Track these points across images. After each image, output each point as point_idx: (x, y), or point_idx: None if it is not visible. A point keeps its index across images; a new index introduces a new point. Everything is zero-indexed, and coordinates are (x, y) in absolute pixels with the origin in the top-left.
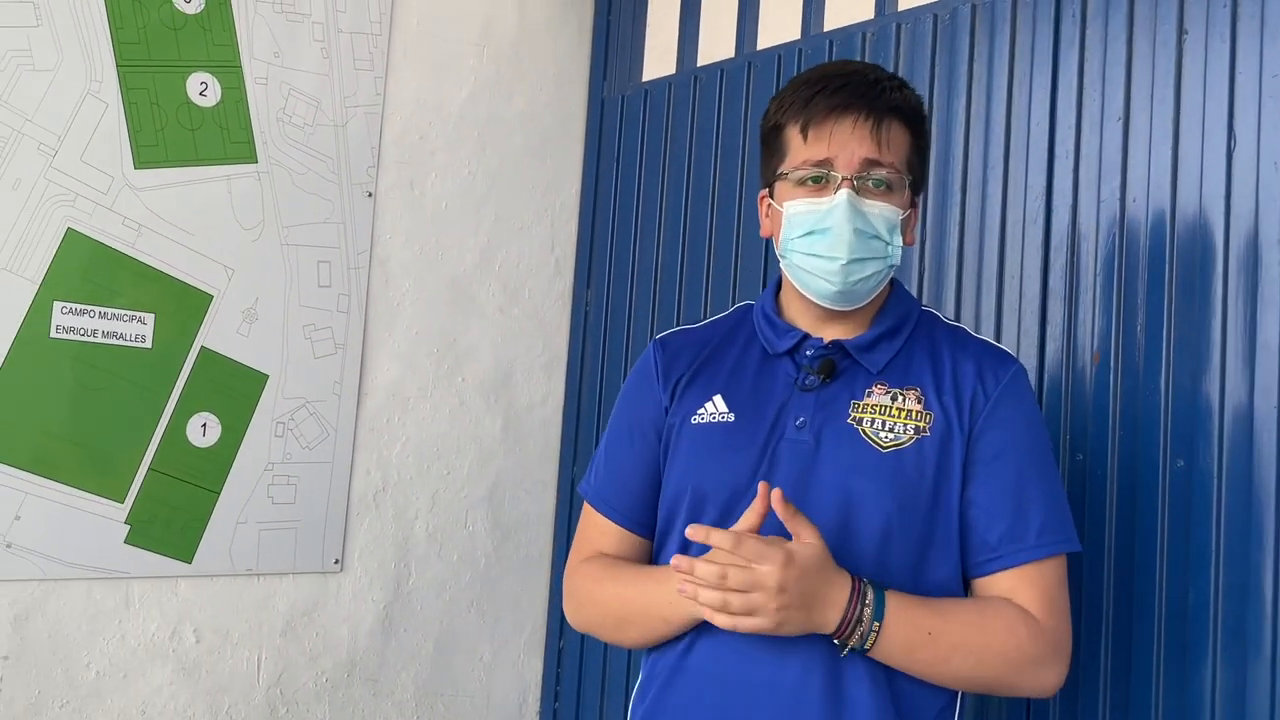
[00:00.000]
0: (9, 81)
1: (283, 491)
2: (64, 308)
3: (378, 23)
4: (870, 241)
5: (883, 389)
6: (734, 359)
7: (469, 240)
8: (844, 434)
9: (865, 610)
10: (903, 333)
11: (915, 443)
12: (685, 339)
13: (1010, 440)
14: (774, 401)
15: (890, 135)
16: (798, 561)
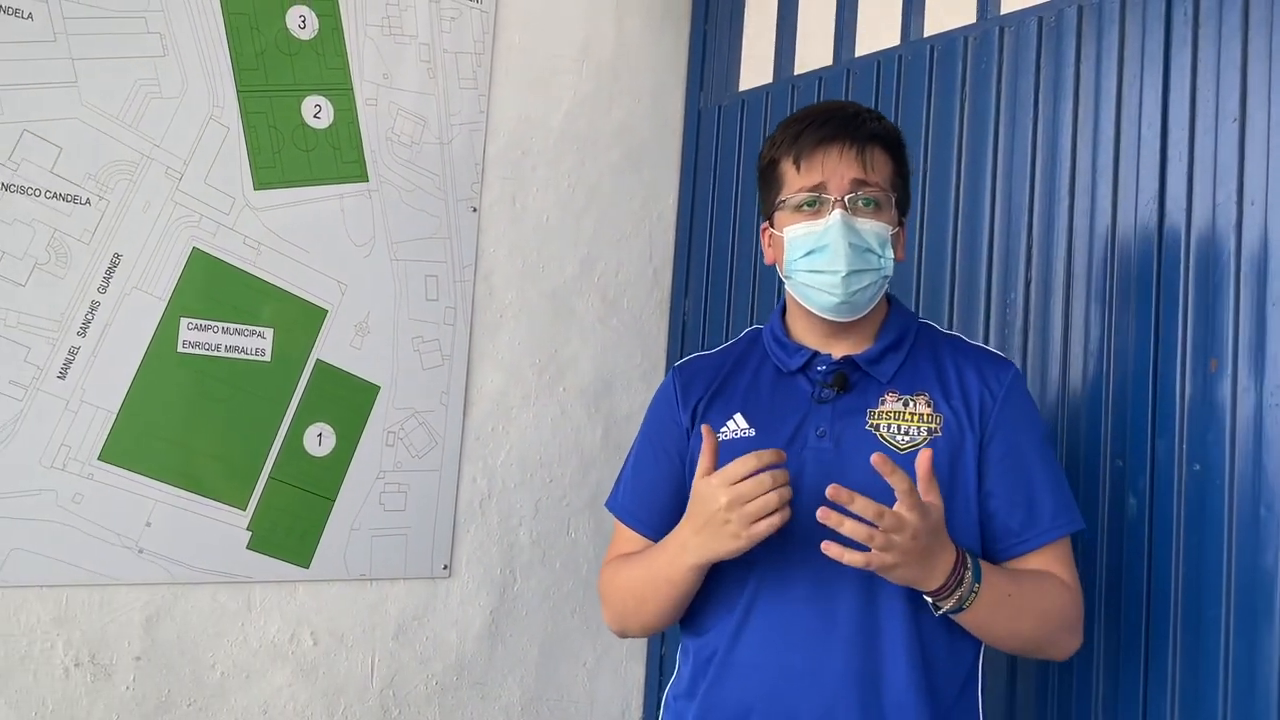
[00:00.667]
0: (139, 109)
1: (394, 499)
2: (190, 323)
3: (480, 42)
4: (865, 255)
5: (894, 396)
6: (749, 379)
7: (569, 252)
8: (864, 439)
9: (967, 574)
10: (905, 344)
11: (929, 442)
12: (701, 364)
13: (1018, 438)
14: (793, 415)
15: (874, 159)
16: (931, 515)
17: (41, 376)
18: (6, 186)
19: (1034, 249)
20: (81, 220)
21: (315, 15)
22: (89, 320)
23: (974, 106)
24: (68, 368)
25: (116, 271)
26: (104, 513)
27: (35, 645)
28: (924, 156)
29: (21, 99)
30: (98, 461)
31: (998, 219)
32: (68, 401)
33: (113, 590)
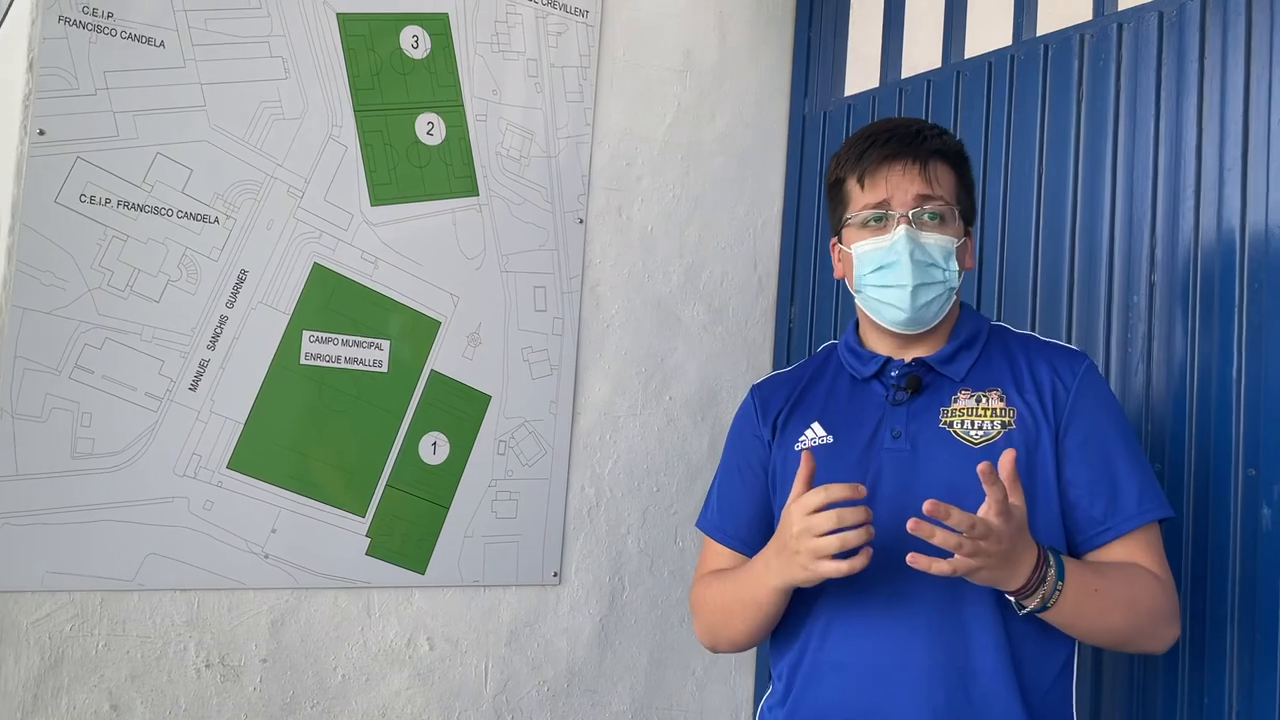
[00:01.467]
0: (263, 130)
1: (505, 507)
2: (311, 336)
3: (585, 55)
4: (929, 269)
5: (967, 394)
6: (825, 390)
7: (674, 261)
8: (938, 438)
9: (1049, 572)
10: (977, 344)
11: (1004, 436)
12: (778, 380)
13: (1096, 425)
14: (869, 420)
15: (937, 174)
16: (1014, 519)
17: (174, 388)
18: (142, 207)
19: (1158, 250)
20: (210, 238)
21: (427, 35)
22: (218, 334)
23: (1091, 106)
24: (198, 380)
25: (243, 287)
26: (232, 519)
27: (170, 646)
28: (1039, 158)
29: (155, 123)
30: (226, 470)
31: (1119, 221)
32: (198, 412)
33: (241, 594)
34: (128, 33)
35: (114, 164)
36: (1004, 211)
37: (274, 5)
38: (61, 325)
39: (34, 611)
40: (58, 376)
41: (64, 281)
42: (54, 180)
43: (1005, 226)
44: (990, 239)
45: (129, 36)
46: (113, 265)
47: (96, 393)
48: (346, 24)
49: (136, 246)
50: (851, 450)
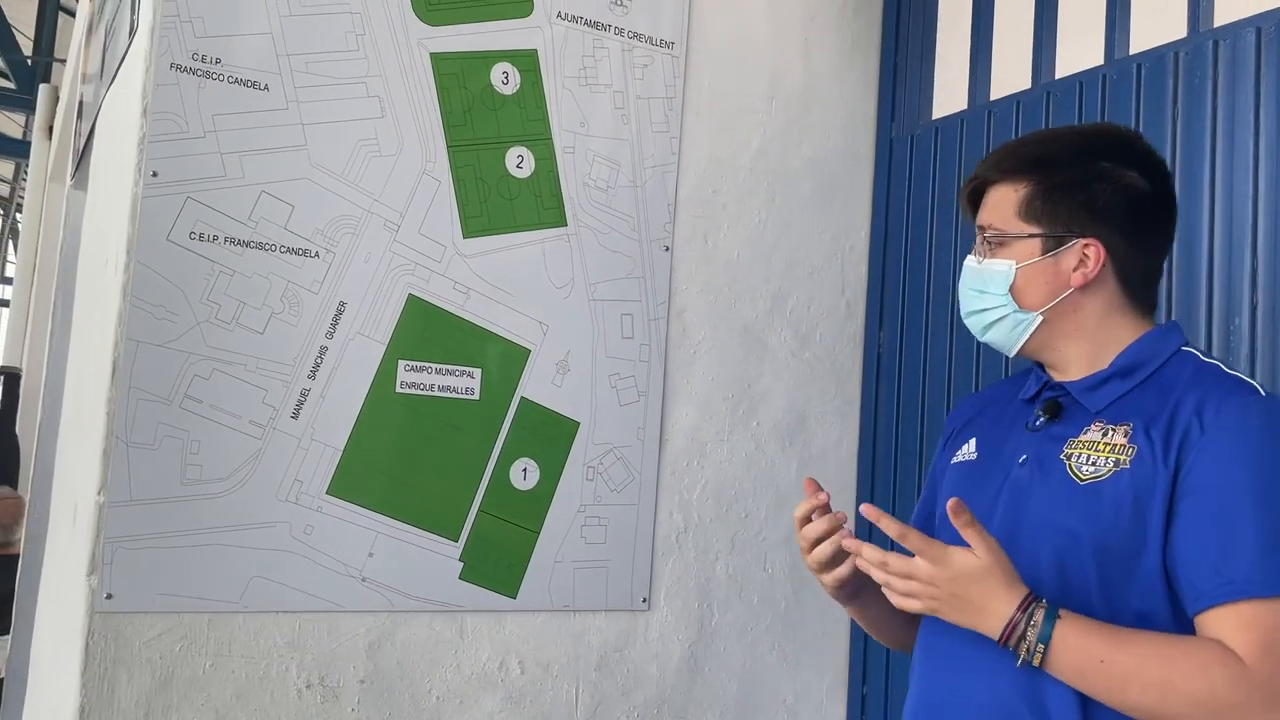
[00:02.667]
0: (360, 167)
1: (594, 532)
2: (407, 365)
3: (671, 86)
4: (979, 296)
5: (1099, 426)
6: (1000, 406)
7: (760, 287)
8: (1053, 469)
9: (1030, 630)
10: (1138, 373)
11: (1112, 476)
12: (977, 396)
13: (1226, 472)
14: (1009, 442)
15: (990, 200)
16: (953, 565)
17: (277, 416)
18: (247, 243)
19: (1260, 272)
20: (311, 272)
21: (517, 71)
22: (318, 364)
23: (1187, 125)
24: (300, 408)
25: (342, 318)
26: (331, 543)
27: (272, 667)
28: None
29: (260, 163)
30: (326, 495)
31: (1218, 243)
32: (299, 439)
33: (339, 617)
34: (234, 77)
35: (221, 202)
36: None
37: (371, 48)
38: (172, 357)
39: (146, 632)
40: (169, 406)
41: (175, 315)
42: (166, 219)
43: None
44: None
45: (235, 81)
46: (220, 299)
47: (205, 421)
48: (439, 63)
49: (242, 281)
50: (986, 472)
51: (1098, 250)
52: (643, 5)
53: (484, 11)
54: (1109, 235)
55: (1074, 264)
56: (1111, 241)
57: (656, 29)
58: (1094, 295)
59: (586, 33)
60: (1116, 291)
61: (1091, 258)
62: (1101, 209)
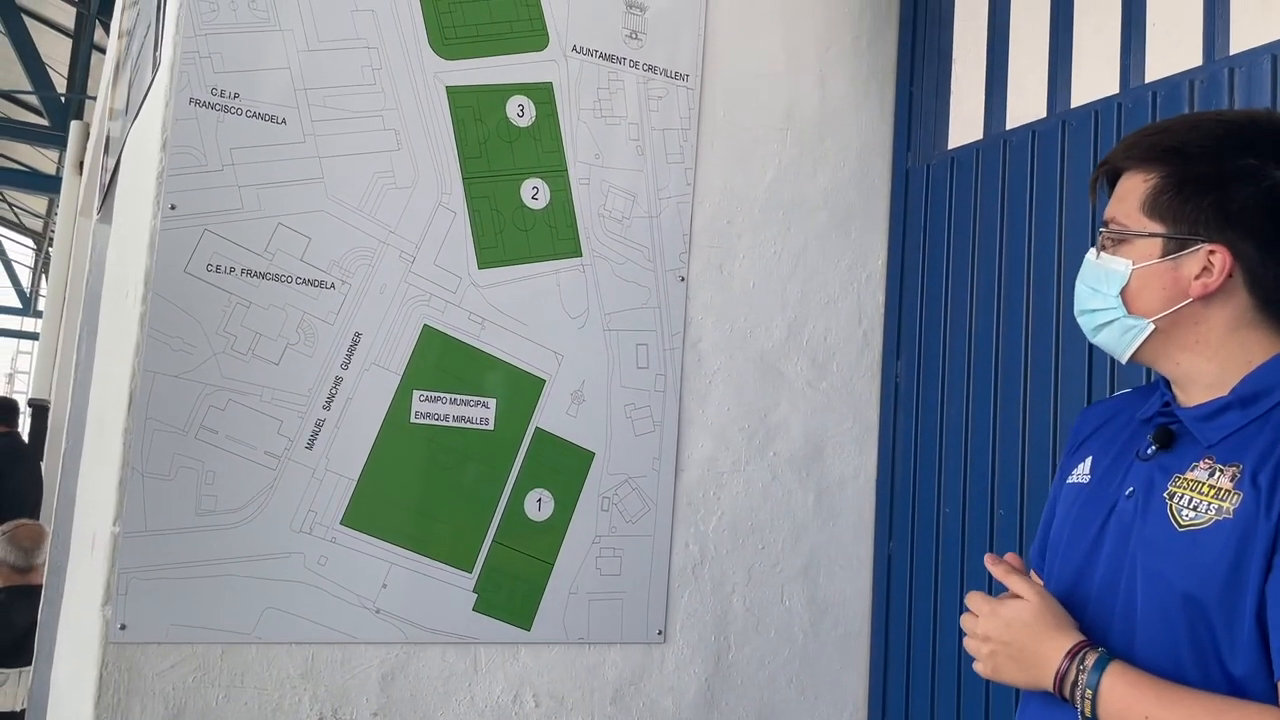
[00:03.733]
0: (376, 199)
1: (609, 564)
2: (421, 395)
3: (686, 118)
4: (1092, 295)
5: (1209, 463)
6: (1121, 423)
7: (776, 317)
8: (1155, 508)
9: (1080, 675)
10: (1261, 403)
11: (1213, 525)
12: (1102, 406)
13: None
14: (1122, 468)
15: (1122, 190)
16: (1004, 615)
17: (292, 447)
18: (263, 275)
19: None
20: (327, 303)
21: (532, 103)
22: (333, 394)
23: None
24: (314, 439)
25: (357, 349)
26: (345, 574)
27: (285, 698)
28: None
29: (276, 196)
30: (340, 526)
31: None
32: (314, 470)
33: (353, 648)
34: (253, 112)
35: (238, 235)
36: None
37: (388, 81)
38: (188, 388)
39: (159, 663)
40: (184, 436)
41: (191, 346)
42: (183, 251)
43: None
44: None
45: (254, 115)
46: (236, 330)
47: (220, 452)
48: (455, 96)
49: (258, 312)
50: (1096, 500)
51: (1224, 258)
52: (658, 38)
53: (499, 45)
54: (1241, 242)
55: (1196, 271)
56: (1243, 250)
57: (672, 61)
58: (1219, 308)
59: (602, 66)
60: (1247, 306)
61: (1216, 266)
62: (1237, 212)
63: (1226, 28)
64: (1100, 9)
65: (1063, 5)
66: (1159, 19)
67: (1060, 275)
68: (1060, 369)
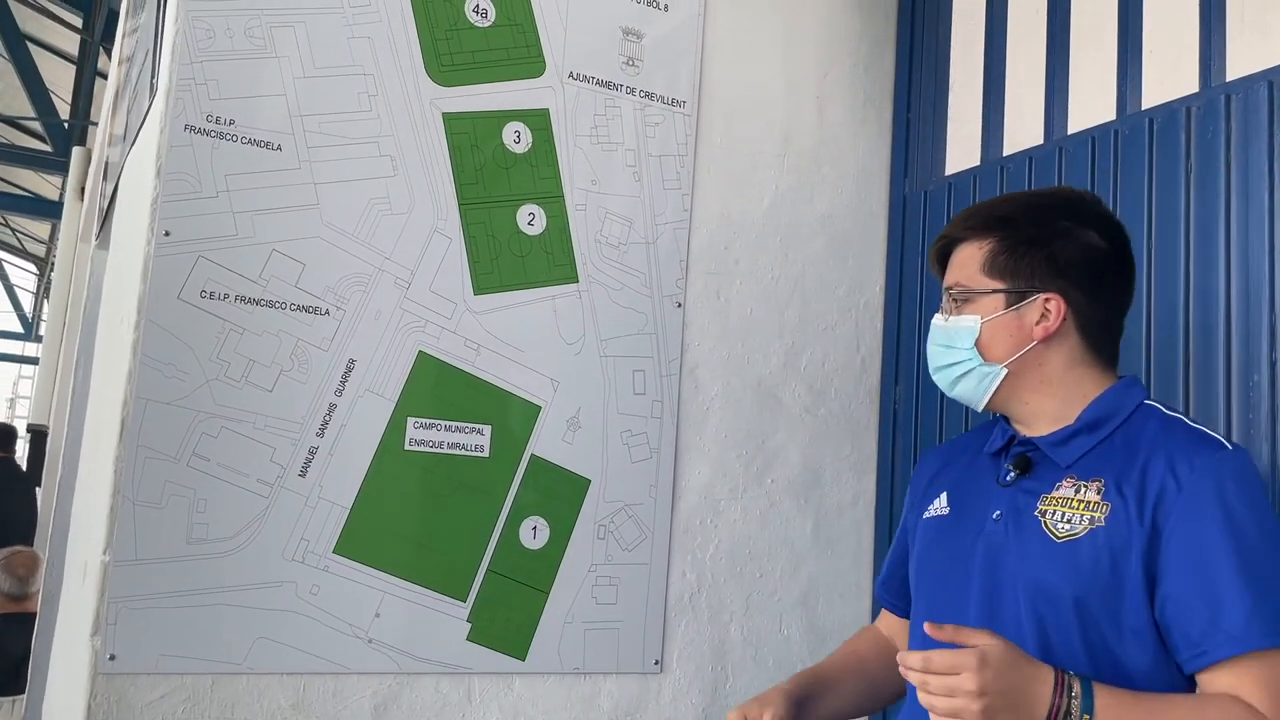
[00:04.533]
0: (371, 226)
1: (605, 592)
2: (416, 422)
3: (683, 144)
4: (947, 351)
5: (1071, 481)
6: (968, 460)
7: (774, 343)
8: (1029, 526)
9: (1073, 703)
10: (1105, 427)
11: (1089, 533)
12: (945, 445)
13: (1206, 529)
14: (981, 497)
15: (956, 259)
16: (991, 661)
17: (285, 475)
18: (257, 301)
19: (1277, 327)
20: (321, 329)
21: (529, 130)
22: (327, 421)
23: (1200, 179)
24: (307, 466)
25: (351, 375)
26: (338, 603)
27: None
28: (1148, 233)
29: (272, 222)
30: (333, 555)
31: (1234, 296)
32: (307, 498)
33: (345, 679)
34: (248, 138)
35: (233, 261)
36: None
37: (384, 108)
38: (181, 415)
39: (149, 694)
40: (176, 464)
41: (184, 373)
42: (177, 278)
43: None
44: None
45: (249, 141)
46: (229, 357)
47: (212, 479)
48: (452, 122)
49: (252, 339)
50: (960, 527)
51: (1059, 304)
52: (655, 65)
53: (496, 72)
54: (1070, 290)
55: (1036, 318)
56: (1072, 296)
57: (669, 88)
58: (1057, 349)
59: (599, 92)
60: (1079, 345)
61: (1053, 311)
62: (1062, 265)
63: (1223, 54)
64: (1097, 36)
65: (1059, 32)
66: (1156, 46)
67: None
68: None
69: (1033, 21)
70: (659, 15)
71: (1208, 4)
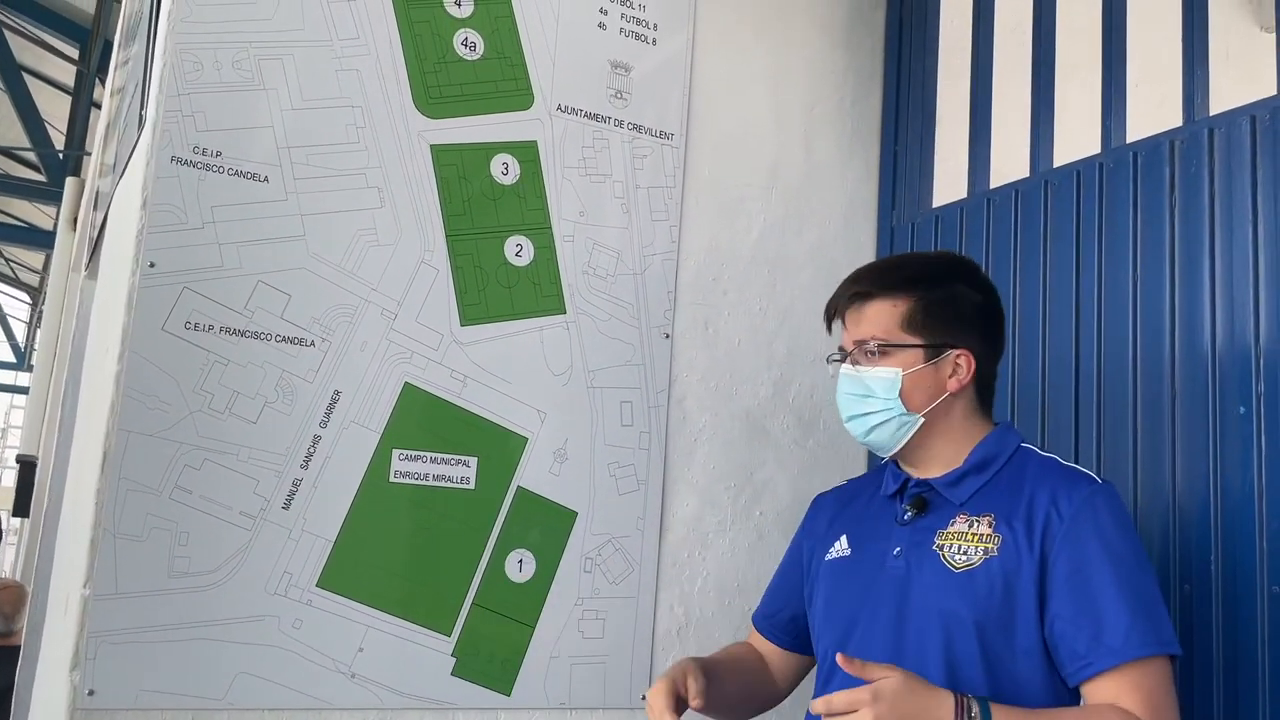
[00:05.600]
0: (358, 257)
1: (592, 626)
2: (401, 454)
3: (672, 176)
4: (864, 400)
5: (964, 518)
6: (863, 504)
7: (762, 374)
8: (928, 559)
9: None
10: (991, 468)
11: (984, 563)
12: (837, 491)
13: (1088, 554)
14: (880, 537)
15: (867, 314)
16: (886, 694)
17: (268, 507)
18: (242, 333)
19: (1262, 359)
20: (306, 361)
21: (517, 161)
22: (311, 453)
23: (1185, 212)
24: (291, 498)
25: (336, 407)
26: (321, 638)
27: None
28: (1133, 265)
29: (257, 253)
30: (316, 588)
31: (1219, 328)
32: (290, 531)
33: (327, 714)
34: (234, 170)
35: (218, 292)
36: (1098, 323)
37: (371, 140)
38: (164, 447)
39: None
40: (158, 496)
41: (167, 405)
42: (162, 309)
43: (1100, 339)
44: (1086, 352)
45: (235, 173)
46: (213, 388)
47: (194, 512)
48: (440, 154)
49: (236, 370)
50: (862, 566)
51: (968, 359)
52: (643, 98)
53: (484, 105)
54: (976, 345)
55: (949, 371)
56: (976, 350)
57: (657, 121)
58: (960, 398)
59: (587, 124)
60: (973, 395)
61: (964, 365)
62: (968, 323)
63: (1206, 89)
64: (1082, 70)
65: (1044, 66)
66: (1140, 80)
67: (1043, 331)
68: (1046, 425)
69: (1018, 56)
70: (647, 49)
71: (1191, 39)
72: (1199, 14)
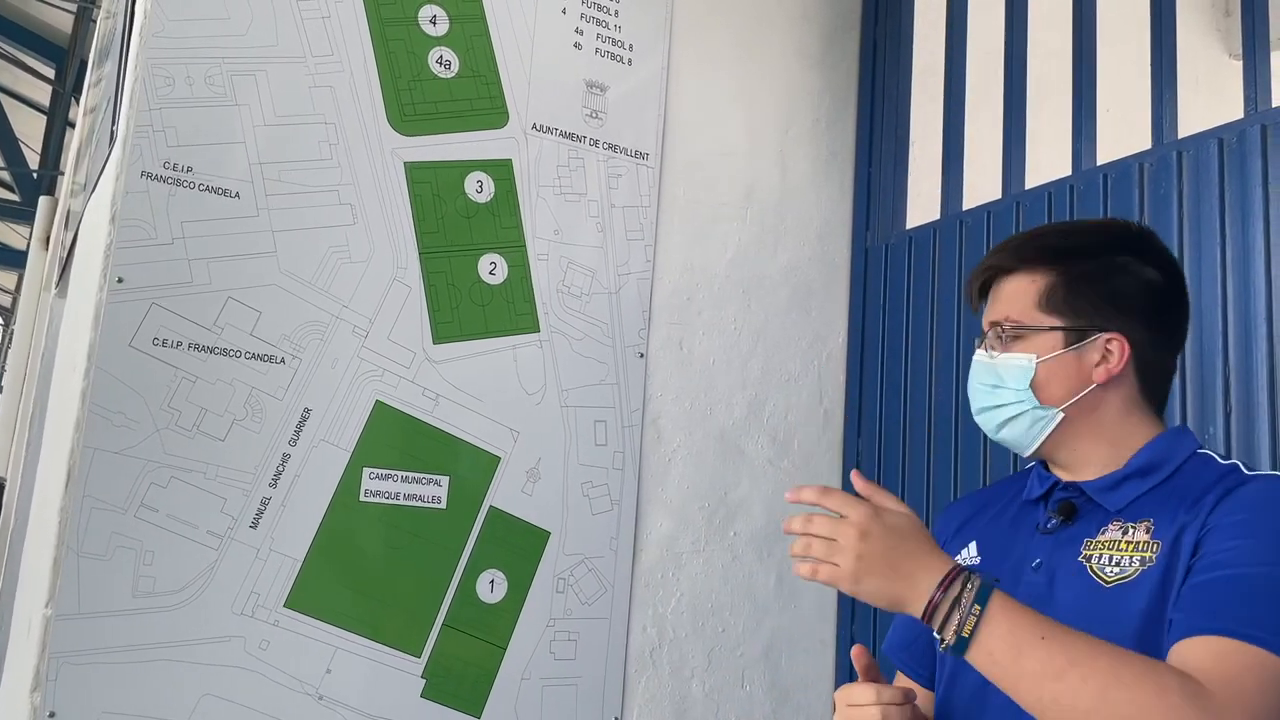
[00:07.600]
0: (330, 274)
1: (564, 647)
2: (372, 473)
3: (647, 195)
4: (995, 391)
5: (1118, 525)
6: (998, 508)
7: (736, 394)
8: (1073, 573)
9: (965, 593)
10: (1156, 474)
11: (1140, 575)
12: (969, 497)
13: (1225, 543)
14: (1020, 545)
15: (1004, 292)
16: (885, 519)
17: (236, 526)
18: (211, 349)
19: (1232, 378)
20: (276, 378)
21: (491, 180)
22: (280, 472)
23: None
24: (259, 517)
25: (306, 425)
26: (288, 659)
27: None
28: None
29: (227, 269)
30: (283, 609)
31: (1189, 349)
32: (258, 550)
33: None
34: (205, 185)
35: (186, 308)
36: None
37: (344, 157)
38: (129, 464)
39: None
40: (124, 515)
41: (134, 422)
42: (129, 325)
43: None
44: None
45: (206, 189)
46: (181, 405)
47: (160, 531)
48: (414, 172)
49: (205, 387)
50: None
51: (1121, 345)
52: (619, 118)
53: (459, 123)
54: (1132, 329)
55: (1097, 359)
56: (1135, 336)
57: (634, 141)
58: (1114, 392)
59: (562, 143)
60: (1135, 388)
61: (1115, 352)
62: (1124, 302)
63: (1174, 113)
64: (1052, 94)
65: (1016, 90)
66: (1110, 104)
67: None
68: None
69: (991, 80)
70: (623, 69)
71: (1160, 64)
72: (1167, 40)
